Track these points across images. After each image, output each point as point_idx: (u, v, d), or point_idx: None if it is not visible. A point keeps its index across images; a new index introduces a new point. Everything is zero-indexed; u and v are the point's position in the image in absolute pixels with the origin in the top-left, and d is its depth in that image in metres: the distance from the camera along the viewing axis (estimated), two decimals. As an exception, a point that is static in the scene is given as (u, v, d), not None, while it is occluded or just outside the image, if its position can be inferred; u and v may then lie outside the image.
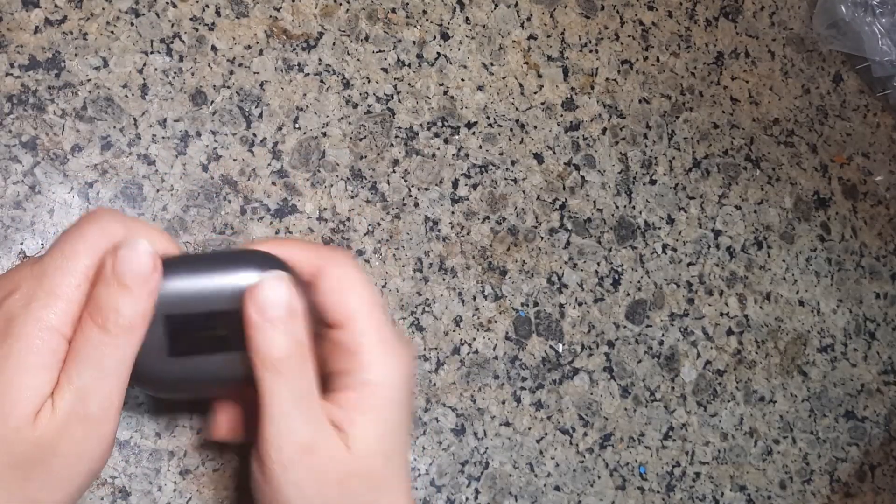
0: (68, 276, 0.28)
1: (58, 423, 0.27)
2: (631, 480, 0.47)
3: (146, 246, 0.29)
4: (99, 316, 0.28)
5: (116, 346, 0.28)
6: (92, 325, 0.28)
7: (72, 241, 0.29)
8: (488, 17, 0.48)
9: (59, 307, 0.28)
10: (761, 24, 0.55)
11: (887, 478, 0.53)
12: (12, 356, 0.27)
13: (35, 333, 0.27)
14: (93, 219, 0.29)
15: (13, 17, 0.39)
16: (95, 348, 0.28)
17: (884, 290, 0.55)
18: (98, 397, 0.28)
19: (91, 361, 0.28)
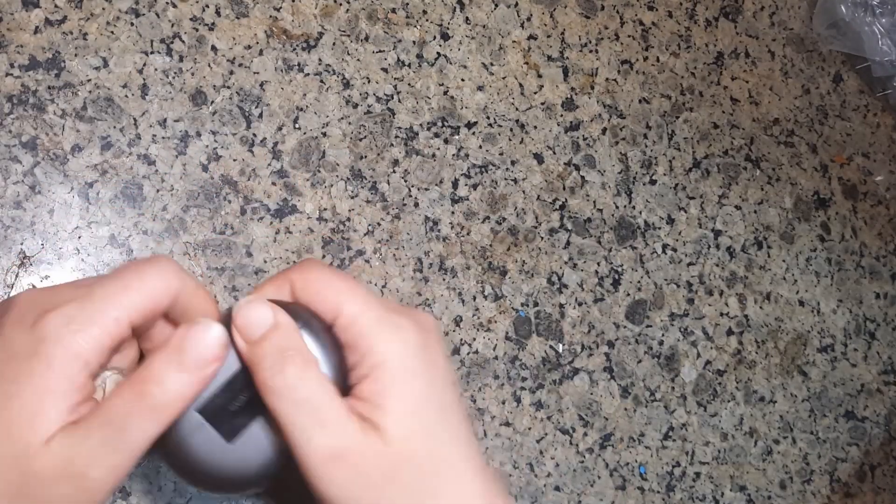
0: (112, 309, 0.27)
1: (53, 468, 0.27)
2: (631, 480, 0.47)
3: (221, 332, 0.29)
4: (141, 384, 0.27)
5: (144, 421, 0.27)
6: (131, 390, 0.27)
7: (127, 275, 0.28)
8: (488, 17, 0.48)
9: (94, 335, 0.27)
10: (761, 24, 0.55)
11: (887, 478, 0.53)
12: (31, 378, 0.27)
13: (59, 356, 0.27)
14: (154, 263, 0.29)
15: (13, 17, 0.39)
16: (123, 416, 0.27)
17: (884, 290, 0.55)
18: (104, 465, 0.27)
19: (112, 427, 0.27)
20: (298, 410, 0.29)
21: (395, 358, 0.29)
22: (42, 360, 0.27)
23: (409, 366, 0.29)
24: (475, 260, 0.45)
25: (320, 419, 0.29)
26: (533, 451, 0.45)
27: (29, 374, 0.27)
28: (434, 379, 0.30)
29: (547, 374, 0.46)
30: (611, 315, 0.48)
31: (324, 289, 0.31)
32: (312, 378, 0.30)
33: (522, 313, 0.46)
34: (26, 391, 0.27)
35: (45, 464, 0.27)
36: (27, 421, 0.27)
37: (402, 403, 0.29)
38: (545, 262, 0.47)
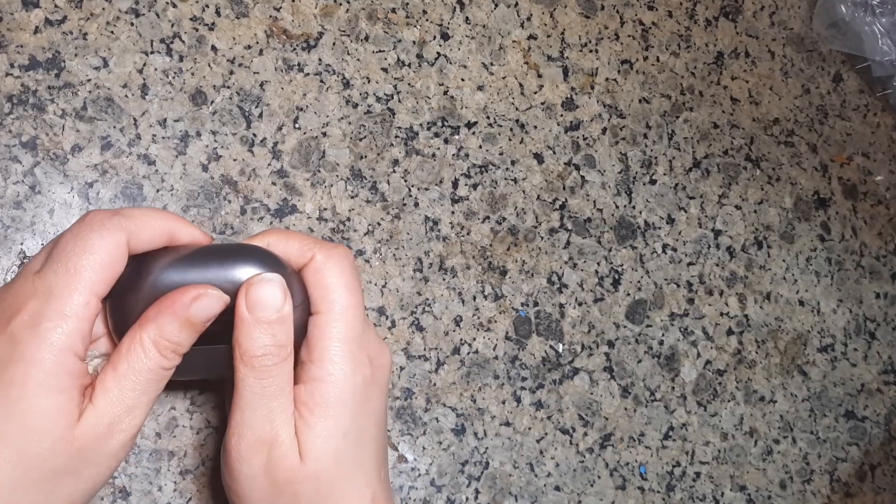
0: (76, 295, 0.28)
1: (98, 435, 0.28)
2: (631, 480, 0.47)
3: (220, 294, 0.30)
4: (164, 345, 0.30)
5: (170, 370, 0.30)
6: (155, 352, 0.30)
7: (77, 254, 0.29)
8: (488, 17, 0.48)
9: (69, 327, 0.28)
10: (761, 24, 0.55)
11: (887, 477, 0.53)
12: (29, 383, 0.27)
13: (48, 358, 0.28)
14: (93, 228, 0.29)
15: (13, 17, 0.39)
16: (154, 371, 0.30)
17: (884, 290, 0.55)
18: (139, 412, 0.30)
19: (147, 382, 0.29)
20: (259, 396, 0.31)
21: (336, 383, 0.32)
22: (33, 363, 0.28)
23: (345, 398, 0.32)
24: (475, 260, 0.45)
25: (270, 411, 0.31)
26: (533, 450, 0.45)
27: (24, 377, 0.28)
28: (361, 413, 0.32)
29: (547, 374, 0.46)
30: (611, 315, 0.48)
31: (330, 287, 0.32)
32: (283, 377, 0.32)
33: (522, 313, 0.46)
34: (30, 392, 0.28)
35: (86, 438, 0.28)
36: (47, 417, 0.28)
37: (322, 426, 0.31)
38: (545, 261, 0.47)
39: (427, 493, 0.43)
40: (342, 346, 0.32)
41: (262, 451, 0.31)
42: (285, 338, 0.31)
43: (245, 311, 0.30)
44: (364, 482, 0.32)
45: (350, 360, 0.32)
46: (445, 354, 0.44)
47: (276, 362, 0.31)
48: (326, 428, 0.31)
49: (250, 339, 0.30)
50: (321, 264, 0.32)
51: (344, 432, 0.31)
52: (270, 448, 0.31)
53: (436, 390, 0.44)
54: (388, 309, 0.43)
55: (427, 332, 0.44)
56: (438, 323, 0.44)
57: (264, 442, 0.31)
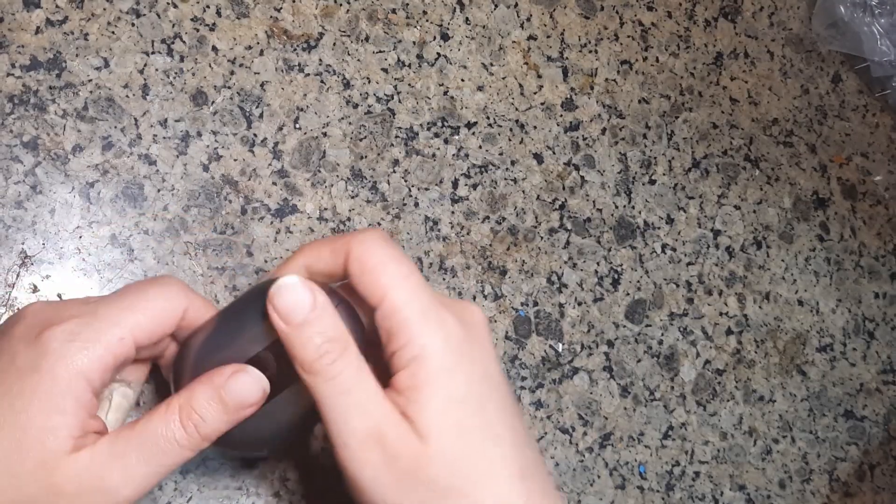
0: (116, 328, 0.28)
1: (81, 481, 0.27)
2: (631, 480, 0.47)
3: (263, 379, 0.29)
4: (187, 416, 0.28)
5: (183, 450, 0.29)
6: (177, 419, 0.28)
7: (133, 295, 0.29)
8: (488, 17, 0.48)
9: (96, 354, 0.28)
10: (760, 25, 0.55)
11: (886, 477, 0.53)
12: (36, 395, 0.27)
13: (63, 375, 0.27)
14: (161, 283, 0.30)
15: (14, 17, 0.39)
16: (166, 442, 0.28)
17: (883, 290, 0.56)
18: (137, 484, 0.28)
19: (154, 451, 0.28)
20: (339, 395, 0.29)
21: (435, 353, 0.29)
22: (45, 377, 0.27)
23: (448, 362, 0.29)
24: (475, 260, 0.46)
25: (360, 404, 0.29)
26: (533, 450, 0.45)
27: (33, 389, 0.27)
28: (473, 376, 0.29)
29: (547, 374, 0.46)
30: (610, 315, 0.48)
31: (376, 268, 0.30)
32: (353, 365, 0.29)
33: (522, 313, 0.46)
34: (33, 407, 0.27)
35: (68, 476, 0.27)
36: (37, 436, 0.27)
37: (436, 400, 0.28)
38: (545, 261, 0.47)
39: (427, 492, 0.43)
40: (420, 317, 0.29)
41: (374, 449, 0.28)
42: (335, 329, 0.29)
43: (282, 324, 0.29)
44: (504, 454, 0.29)
45: (436, 327, 0.29)
46: (445, 354, 0.44)
47: (337, 357, 0.29)
48: (440, 402, 0.28)
49: (301, 348, 0.29)
50: (357, 253, 0.30)
51: (460, 399, 0.28)
52: (380, 441, 0.28)
53: (436, 390, 0.44)
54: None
55: (427, 331, 0.44)
56: (438, 322, 0.44)
57: (372, 437, 0.28)
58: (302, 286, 0.29)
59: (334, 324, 0.29)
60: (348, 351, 0.29)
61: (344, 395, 0.29)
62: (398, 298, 0.29)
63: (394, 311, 0.29)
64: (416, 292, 0.30)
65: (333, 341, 0.29)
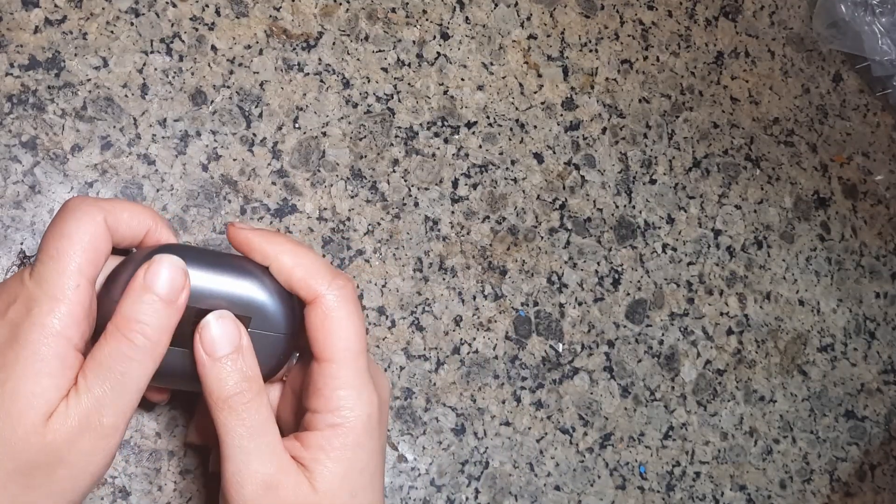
0: (65, 278, 0.28)
1: (68, 431, 0.28)
2: (631, 480, 0.47)
3: (179, 262, 0.29)
4: (127, 328, 0.28)
5: (140, 360, 0.29)
6: (119, 336, 0.28)
7: (57, 241, 0.29)
8: (488, 16, 0.48)
9: (61, 311, 0.28)
10: (761, 24, 0.55)
11: (887, 477, 0.53)
12: (18, 363, 0.27)
13: (40, 340, 0.27)
14: (70, 212, 0.29)
15: (13, 16, 0.39)
16: (119, 360, 0.28)
17: (884, 290, 0.55)
18: (113, 410, 0.28)
19: (113, 373, 0.28)
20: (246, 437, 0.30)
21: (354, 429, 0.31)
22: (25, 345, 0.28)
23: (362, 438, 0.31)
24: (475, 259, 0.45)
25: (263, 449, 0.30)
26: (533, 450, 0.45)
27: (15, 359, 0.28)
28: (374, 450, 0.32)
29: (547, 374, 0.46)
30: (611, 315, 0.48)
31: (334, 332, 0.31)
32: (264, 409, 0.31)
33: (522, 313, 0.46)
34: (17, 375, 0.28)
35: (58, 431, 0.27)
36: (26, 402, 0.27)
37: (340, 467, 0.31)
38: (545, 261, 0.47)
39: (427, 492, 0.43)
40: (355, 393, 0.31)
41: (268, 495, 0.30)
42: (252, 370, 0.30)
43: (203, 354, 0.30)
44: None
45: (363, 404, 0.31)
46: (445, 354, 0.44)
47: (251, 398, 0.30)
48: (344, 467, 0.31)
49: (218, 381, 0.30)
50: (330, 310, 0.31)
51: (360, 470, 0.31)
52: (276, 490, 0.30)
53: (436, 390, 0.44)
54: (387, 309, 0.43)
55: (427, 331, 0.44)
56: (438, 323, 0.44)
57: (268, 485, 0.30)
58: (233, 323, 0.30)
59: (252, 366, 0.31)
60: (261, 395, 0.31)
61: (250, 437, 0.30)
62: (342, 370, 0.31)
63: (335, 376, 0.31)
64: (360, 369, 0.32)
65: (250, 381, 0.30)
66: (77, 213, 0.29)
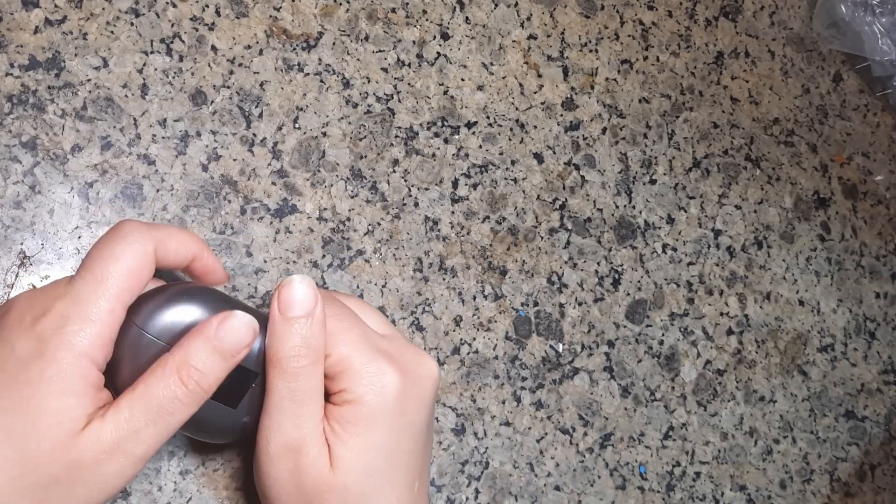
0: (102, 301, 0.29)
1: (97, 452, 0.28)
2: (631, 480, 0.47)
3: (251, 320, 0.30)
4: (185, 373, 0.29)
5: (188, 406, 0.30)
6: (176, 378, 0.29)
7: (103, 262, 0.29)
8: (488, 16, 0.48)
9: (92, 332, 0.28)
10: (761, 24, 0.55)
11: (887, 477, 0.53)
12: (44, 381, 0.28)
13: (68, 359, 0.28)
14: (121, 236, 0.30)
15: (13, 17, 0.39)
16: (169, 401, 0.29)
17: (884, 290, 0.55)
18: (148, 444, 0.29)
19: (159, 411, 0.29)
20: (290, 400, 0.31)
21: (366, 403, 0.32)
22: (51, 363, 0.28)
23: (375, 413, 0.32)
24: (475, 260, 0.45)
25: (301, 416, 0.31)
26: (533, 450, 0.45)
27: (40, 375, 0.28)
28: (395, 428, 0.33)
29: (547, 374, 0.46)
30: (611, 315, 0.48)
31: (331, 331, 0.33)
32: (315, 379, 0.32)
33: (522, 313, 0.46)
34: (44, 391, 0.28)
35: (84, 450, 0.28)
36: (53, 419, 0.28)
37: (354, 441, 0.32)
38: (545, 261, 0.47)
39: (427, 492, 0.43)
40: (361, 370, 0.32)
41: (289, 457, 0.31)
42: (316, 340, 0.31)
43: (276, 311, 0.31)
44: (394, 496, 0.33)
45: (374, 380, 0.32)
46: (445, 354, 0.44)
47: (305, 364, 0.31)
48: (359, 443, 0.32)
49: (281, 340, 0.31)
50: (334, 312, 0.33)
51: (376, 448, 0.32)
52: (298, 454, 0.31)
53: (436, 390, 0.44)
54: (388, 309, 0.43)
55: (427, 331, 0.44)
56: (438, 323, 0.44)
57: (292, 448, 0.31)
58: (312, 290, 0.31)
59: (318, 335, 0.32)
60: (317, 365, 0.32)
61: (291, 400, 0.31)
62: (341, 353, 0.32)
63: (338, 362, 0.32)
64: (357, 344, 0.33)
65: (310, 349, 0.31)
66: (129, 239, 0.30)
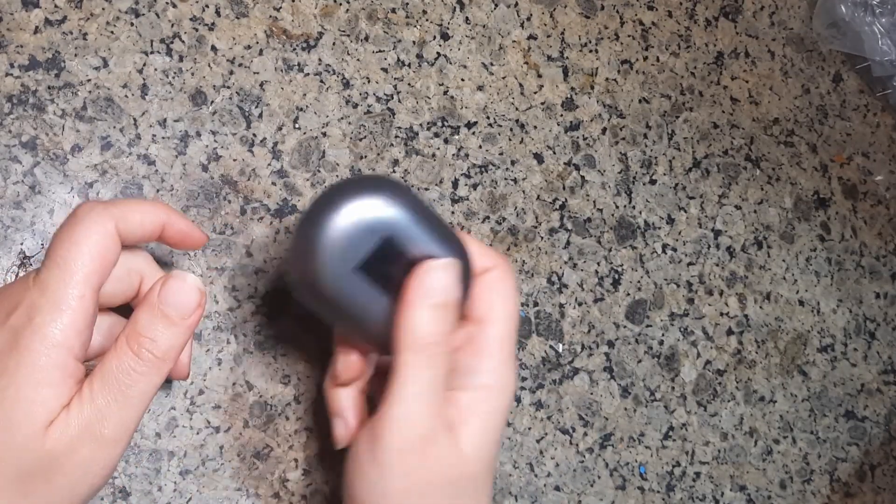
0: (69, 287, 0.28)
1: (69, 439, 0.28)
2: (631, 480, 0.47)
3: (195, 281, 0.30)
4: (136, 342, 0.29)
5: (145, 375, 0.29)
6: (127, 349, 0.29)
7: (66, 247, 0.28)
8: (488, 17, 0.48)
9: (64, 320, 0.28)
10: (761, 24, 0.55)
11: (887, 477, 0.53)
12: (19, 372, 0.27)
13: (41, 350, 0.27)
14: (79, 219, 0.29)
15: (13, 17, 0.39)
16: (125, 373, 0.28)
17: (884, 290, 0.55)
18: (115, 421, 0.28)
19: (117, 385, 0.28)
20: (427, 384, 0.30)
21: (502, 393, 0.32)
22: (25, 354, 0.28)
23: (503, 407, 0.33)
24: (475, 260, 0.45)
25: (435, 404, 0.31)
26: (533, 450, 0.45)
27: (16, 367, 0.28)
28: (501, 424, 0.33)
29: (547, 374, 0.46)
30: (611, 315, 0.48)
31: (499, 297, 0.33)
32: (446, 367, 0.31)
33: (522, 313, 0.46)
34: (18, 383, 0.28)
35: (58, 439, 0.28)
36: (26, 410, 0.27)
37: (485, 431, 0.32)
38: (545, 261, 0.47)
39: (427, 493, 0.43)
40: (510, 358, 0.32)
41: (424, 448, 0.30)
42: (451, 327, 0.31)
43: (414, 293, 0.30)
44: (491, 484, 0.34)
45: (513, 371, 0.33)
46: (445, 354, 0.44)
47: (443, 351, 0.30)
48: (490, 434, 0.32)
49: (423, 324, 0.30)
50: (501, 276, 0.33)
51: (498, 440, 0.32)
52: (431, 444, 0.30)
53: (436, 390, 0.44)
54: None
55: (427, 332, 0.44)
56: (438, 323, 0.44)
57: (426, 438, 0.30)
58: (455, 278, 0.31)
59: (454, 325, 0.31)
60: (450, 354, 0.31)
61: (429, 386, 0.30)
62: (499, 330, 0.32)
63: (491, 337, 0.32)
64: (511, 335, 0.33)
65: (447, 336, 0.31)
66: (86, 221, 0.29)
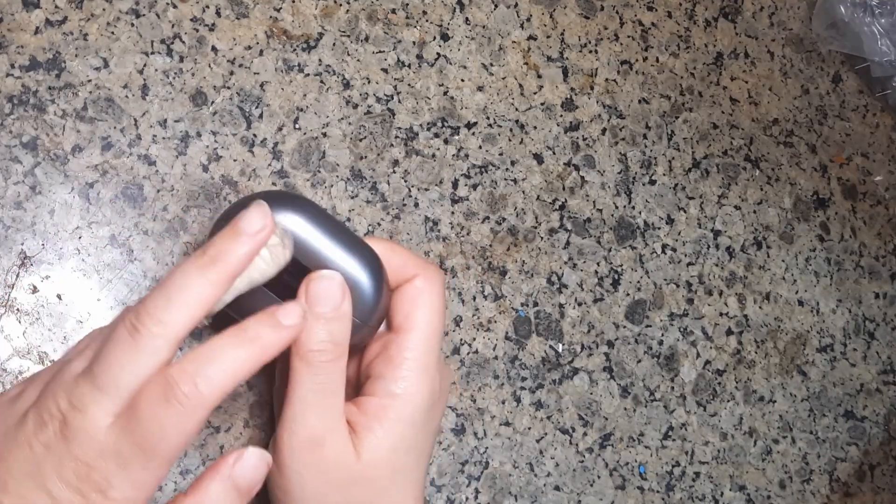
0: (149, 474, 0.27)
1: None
2: (631, 480, 0.47)
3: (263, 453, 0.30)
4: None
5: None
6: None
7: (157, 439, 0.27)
8: (488, 17, 0.48)
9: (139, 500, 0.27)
10: (761, 25, 0.55)
11: (886, 477, 0.53)
12: None
13: None
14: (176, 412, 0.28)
15: (14, 17, 0.39)
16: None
17: (883, 290, 0.55)
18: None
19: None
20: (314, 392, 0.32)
21: (412, 403, 0.33)
22: None
23: (417, 416, 0.33)
24: (475, 260, 0.45)
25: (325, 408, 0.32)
26: (533, 450, 0.45)
27: None
28: (422, 431, 0.34)
29: (547, 374, 0.46)
30: (610, 315, 0.48)
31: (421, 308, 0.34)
32: (338, 374, 0.32)
33: (522, 313, 0.46)
34: None
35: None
36: None
37: (389, 438, 0.32)
38: (545, 262, 0.47)
39: (427, 493, 0.43)
40: (423, 369, 0.33)
41: (313, 449, 0.31)
42: (341, 336, 0.32)
43: (303, 305, 0.31)
44: (410, 494, 0.34)
45: (426, 382, 0.33)
46: (445, 354, 0.44)
47: (330, 359, 0.31)
48: (393, 442, 0.32)
49: (308, 334, 0.31)
50: (420, 288, 0.34)
51: (407, 449, 0.33)
52: (321, 446, 0.31)
53: (436, 390, 0.44)
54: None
55: (427, 332, 0.44)
56: (438, 323, 0.44)
57: (316, 439, 0.31)
58: (340, 288, 0.32)
59: (343, 333, 0.32)
60: (341, 360, 0.32)
61: (315, 393, 0.31)
62: (416, 341, 0.33)
63: (407, 347, 0.33)
64: (433, 348, 0.33)
65: (336, 345, 0.32)
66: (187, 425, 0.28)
